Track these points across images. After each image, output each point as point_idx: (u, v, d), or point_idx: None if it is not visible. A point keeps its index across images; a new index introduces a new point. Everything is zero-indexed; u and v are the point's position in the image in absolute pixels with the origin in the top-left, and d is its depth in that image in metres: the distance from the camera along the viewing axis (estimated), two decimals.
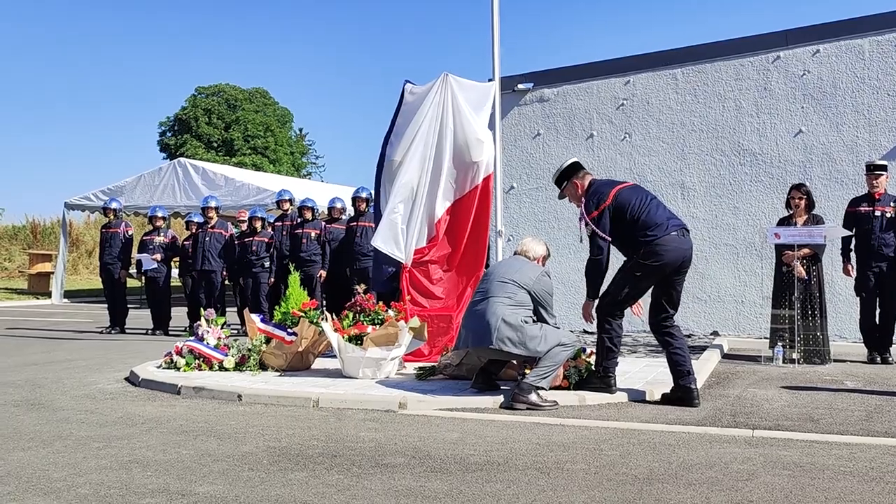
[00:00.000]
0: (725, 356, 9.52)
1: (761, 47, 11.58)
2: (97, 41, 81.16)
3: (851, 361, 9.00)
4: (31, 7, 76.31)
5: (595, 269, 6.46)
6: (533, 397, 6.03)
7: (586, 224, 6.47)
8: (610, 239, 6.42)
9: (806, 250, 8.83)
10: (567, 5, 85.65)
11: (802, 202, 9.03)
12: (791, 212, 9.15)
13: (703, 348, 9.70)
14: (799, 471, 4.30)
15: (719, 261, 11.67)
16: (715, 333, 11.60)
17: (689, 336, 11.51)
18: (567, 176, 6.81)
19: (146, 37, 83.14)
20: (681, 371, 6.27)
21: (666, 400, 6.35)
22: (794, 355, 8.63)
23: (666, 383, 7.01)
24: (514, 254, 6.88)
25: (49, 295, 22.02)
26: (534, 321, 6.29)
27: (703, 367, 8.00)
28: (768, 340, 9.35)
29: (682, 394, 6.26)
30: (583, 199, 6.61)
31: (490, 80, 10.16)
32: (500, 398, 6.19)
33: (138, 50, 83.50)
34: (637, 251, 6.33)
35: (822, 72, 11.23)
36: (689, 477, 4.18)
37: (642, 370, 7.84)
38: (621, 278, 6.44)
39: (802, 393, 6.90)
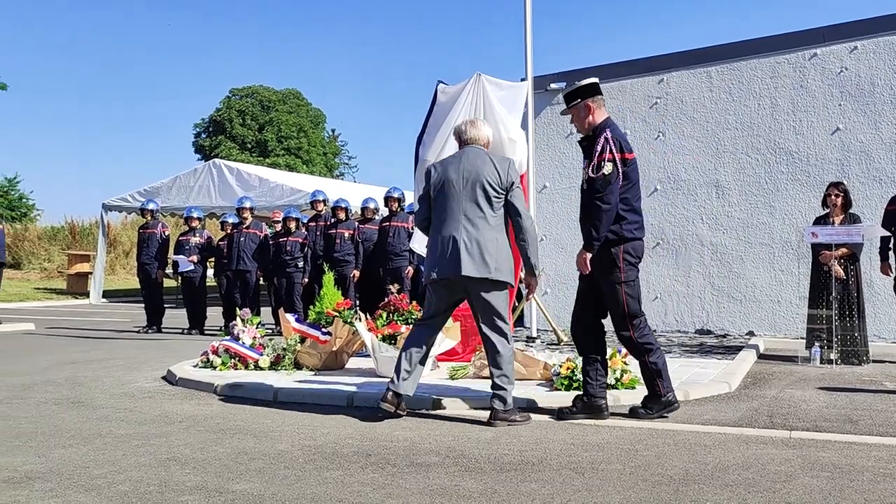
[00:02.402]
0: (761, 356, 9.42)
1: (798, 44, 11.46)
2: (133, 45, 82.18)
3: (890, 362, 8.87)
4: (67, 9, 77.45)
5: (607, 219, 5.39)
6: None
7: (608, 161, 5.42)
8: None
9: (844, 249, 8.72)
10: (599, 4, 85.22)
11: (839, 200, 8.92)
12: (828, 210, 9.04)
13: (739, 348, 9.62)
14: (838, 472, 4.25)
15: (755, 260, 11.56)
16: (751, 333, 11.50)
17: (724, 336, 11.42)
18: (583, 94, 5.68)
19: (181, 39, 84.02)
20: (601, 384, 5.76)
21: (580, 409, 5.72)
22: (832, 356, 8.53)
23: (700, 384, 6.97)
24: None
25: (87, 295, 22.35)
26: None
27: (739, 368, 7.94)
28: (805, 341, 9.25)
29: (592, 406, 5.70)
30: (605, 132, 5.54)
31: (523, 80, 10.17)
32: (534, 397, 6.18)
33: (173, 52, 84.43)
34: (613, 243, 5.51)
35: (859, 69, 11.09)
36: (725, 478, 4.15)
37: (677, 371, 7.78)
38: (614, 289, 5.60)
39: (840, 394, 6.81)
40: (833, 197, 8.93)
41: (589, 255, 5.51)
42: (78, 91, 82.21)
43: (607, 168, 5.43)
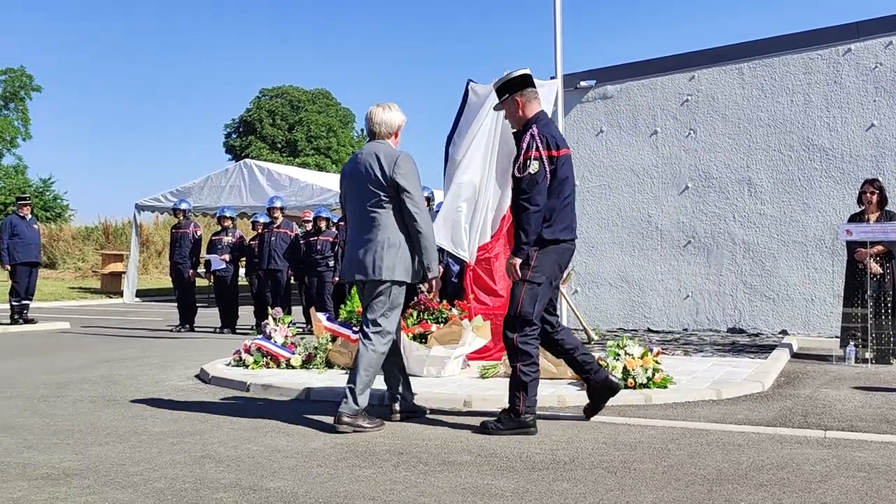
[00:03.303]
0: (795, 355, 9.33)
1: (831, 40, 11.32)
2: (165, 46, 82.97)
3: None
4: (100, 12, 78.34)
5: (535, 221, 5.14)
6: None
7: (534, 159, 5.14)
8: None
9: (879, 247, 8.61)
10: (630, 1, 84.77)
11: (875, 198, 8.81)
12: (863, 208, 8.93)
13: (772, 347, 9.53)
14: (874, 473, 4.20)
15: (788, 258, 11.44)
16: (784, 332, 11.38)
17: (757, 335, 11.32)
18: (511, 89, 5.40)
19: (212, 41, 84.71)
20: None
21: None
22: (867, 355, 8.43)
23: (733, 383, 6.92)
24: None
25: (121, 294, 22.61)
26: None
27: (773, 367, 7.87)
28: (840, 339, 9.15)
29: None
30: (533, 127, 5.27)
31: (552, 78, 10.14)
32: (565, 395, 6.17)
33: (204, 54, 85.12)
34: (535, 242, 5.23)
35: (895, 64, 10.93)
36: (759, 478, 4.11)
37: (709, 369, 7.74)
38: (516, 286, 5.29)
39: (876, 393, 6.73)
40: (868, 194, 8.83)
41: (518, 261, 5.19)
42: (111, 93, 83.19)
43: (533, 167, 5.14)
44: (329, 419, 5.45)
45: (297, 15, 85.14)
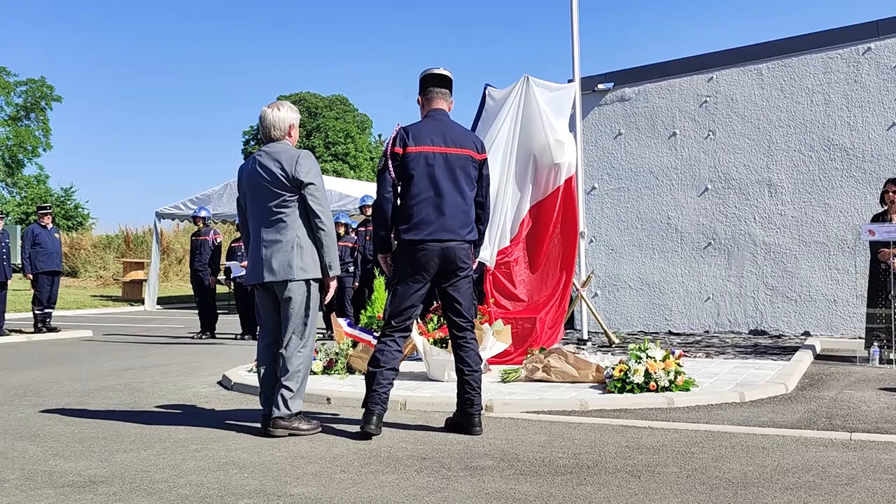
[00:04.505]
0: (818, 357, 9.26)
1: (851, 39, 11.25)
2: (183, 55, 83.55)
3: None
4: (120, 21, 79.00)
5: (377, 216, 5.39)
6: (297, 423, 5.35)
7: (383, 155, 5.34)
8: None
9: None
10: (647, 3, 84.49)
11: None
12: (885, 208, 8.87)
13: (795, 349, 9.47)
14: None
15: (809, 259, 11.36)
16: (806, 334, 11.30)
17: (779, 336, 11.24)
18: (420, 90, 5.55)
19: (229, 49, 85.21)
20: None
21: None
22: (892, 355, 8.36)
23: (756, 385, 6.88)
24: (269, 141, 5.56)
25: (142, 302, 22.76)
26: None
27: (796, 369, 7.82)
28: (864, 340, 9.08)
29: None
30: (397, 126, 5.44)
31: (570, 81, 10.14)
32: (587, 399, 6.16)
33: (222, 61, 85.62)
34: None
35: None
36: (785, 481, 4.09)
37: (732, 372, 7.70)
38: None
39: None
40: (891, 194, 8.76)
41: (381, 257, 5.42)
42: (130, 101, 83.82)
43: (380, 163, 5.28)
44: (352, 427, 5.46)
45: (313, 22, 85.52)
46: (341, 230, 12.96)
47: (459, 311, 5.33)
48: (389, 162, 5.24)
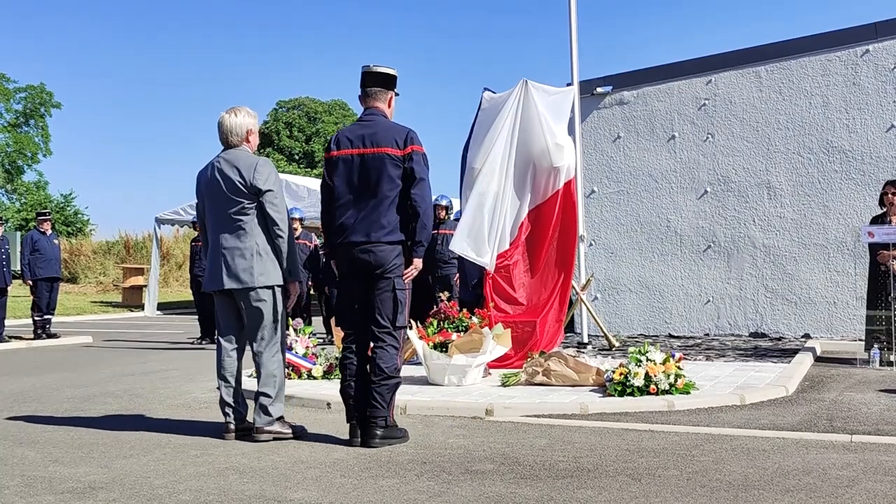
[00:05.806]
0: (818, 359, 9.26)
1: (849, 41, 11.26)
2: (182, 61, 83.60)
3: None
4: (118, 29, 79.07)
5: (322, 219, 5.52)
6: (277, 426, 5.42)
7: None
8: None
9: None
10: (645, 7, 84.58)
11: None
12: (885, 209, 8.87)
13: (795, 351, 9.47)
14: None
15: (809, 262, 11.36)
16: (806, 336, 11.30)
17: (779, 339, 11.24)
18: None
19: (228, 54, 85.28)
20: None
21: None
22: (892, 357, 8.35)
23: (756, 388, 6.87)
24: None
25: (142, 307, 22.73)
26: None
27: (796, 371, 7.81)
28: (864, 342, 9.07)
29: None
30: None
31: (569, 85, 10.15)
32: (587, 403, 6.15)
33: (221, 67, 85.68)
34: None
35: None
36: (785, 483, 4.08)
37: (732, 374, 7.70)
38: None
39: None
40: (890, 196, 8.77)
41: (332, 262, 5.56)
42: (130, 107, 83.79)
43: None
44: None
45: (312, 27, 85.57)
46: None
47: (377, 318, 5.26)
48: (324, 168, 5.38)
